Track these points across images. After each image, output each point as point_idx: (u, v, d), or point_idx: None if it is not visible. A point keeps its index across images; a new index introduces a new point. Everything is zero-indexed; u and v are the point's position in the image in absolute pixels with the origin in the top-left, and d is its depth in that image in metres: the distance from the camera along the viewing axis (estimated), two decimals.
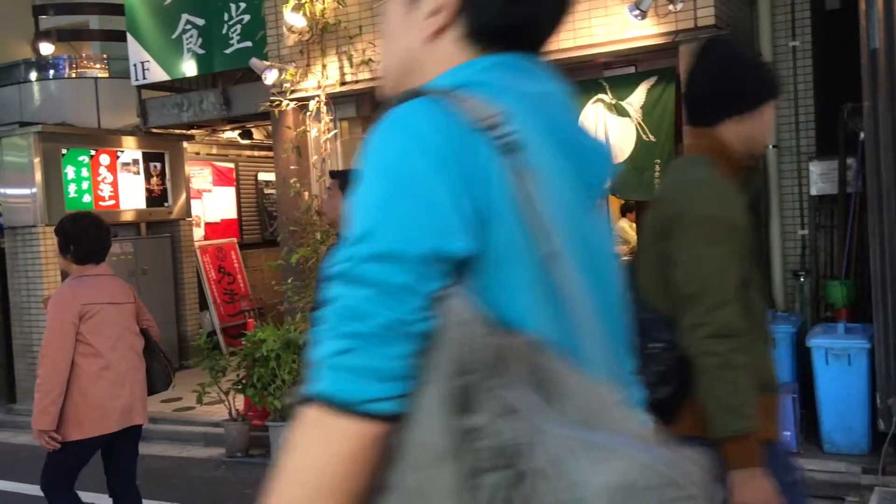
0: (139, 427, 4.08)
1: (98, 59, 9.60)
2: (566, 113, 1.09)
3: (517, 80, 1.04)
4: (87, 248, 3.90)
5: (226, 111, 8.27)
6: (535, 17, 1.09)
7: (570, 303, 0.94)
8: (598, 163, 1.10)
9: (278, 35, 6.96)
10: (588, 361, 0.95)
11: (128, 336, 3.99)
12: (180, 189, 9.38)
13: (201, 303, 9.72)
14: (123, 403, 3.90)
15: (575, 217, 1.00)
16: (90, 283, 3.89)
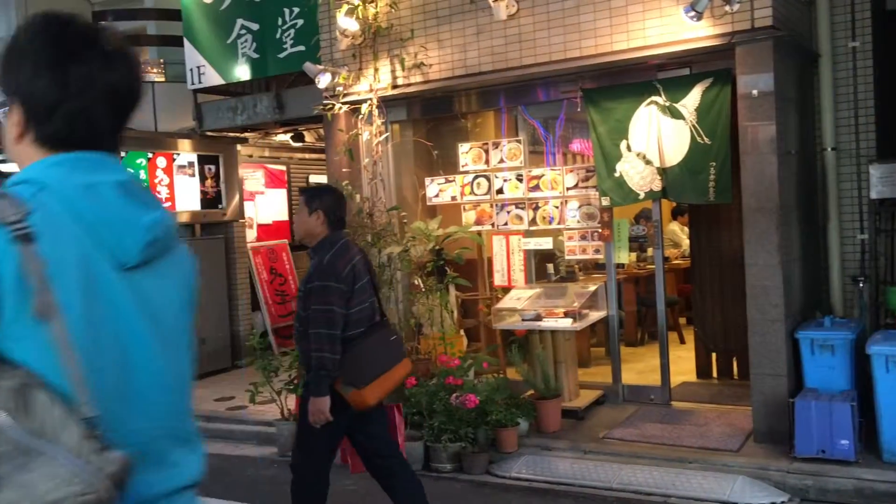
0: None
1: (155, 63, 9.79)
2: (114, 197, 1.39)
3: (72, 173, 1.37)
4: None
5: (279, 114, 8.39)
6: (87, 128, 1.42)
7: (62, 348, 1.24)
8: (133, 233, 1.40)
9: (331, 39, 7.04)
10: (82, 392, 1.25)
11: None
12: (234, 191, 9.53)
13: (253, 303, 9.86)
14: None
15: (98, 281, 1.33)
16: None
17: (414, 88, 6.75)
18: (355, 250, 4.17)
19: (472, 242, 6.99)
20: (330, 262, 3.99)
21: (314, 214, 4.08)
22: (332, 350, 3.89)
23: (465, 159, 7.11)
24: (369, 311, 4.12)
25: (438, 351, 6.51)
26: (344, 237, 4.15)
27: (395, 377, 4.15)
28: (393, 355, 4.17)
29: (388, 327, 4.30)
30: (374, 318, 4.18)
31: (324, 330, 3.91)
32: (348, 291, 3.96)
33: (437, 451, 5.68)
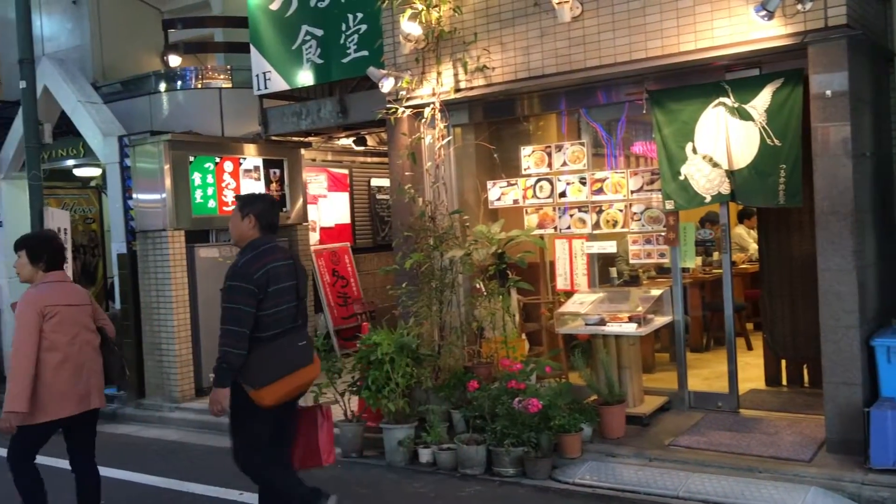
0: (96, 410, 4.78)
1: (222, 70, 9.99)
2: None
3: None
4: (52, 259, 4.70)
5: (342, 119, 8.48)
6: None
7: None
8: None
9: (395, 44, 7.09)
10: None
11: (84, 333, 4.70)
12: (298, 194, 9.67)
13: (316, 305, 9.98)
14: (81, 391, 4.60)
15: None
16: (50, 288, 4.62)
17: (476, 92, 6.75)
18: (280, 255, 4.34)
19: (534, 246, 6.96)
20: (244, 264, 4.23)
21: (246, 219, 4.37)
22: (237, 346, 4.12)
23: (528, 162, 7.08)
24: (286, 315, 4.31)
25: (500, 355, 6.49)
26: (270, 241, 4.37)
27: (297, 381, 4.33)
28: (298, 359, 4.34)
29: (300, 332, 4.43)
30: (292, 322, 4.36)
31: (231, 327, 4.14)
32: (259, 293, 4.15)
33: (500, 455, 5.66)
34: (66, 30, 11.09)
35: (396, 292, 6.94)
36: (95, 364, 4.77)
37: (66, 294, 4.67)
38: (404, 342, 6.35)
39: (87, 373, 4.67)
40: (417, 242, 6.87)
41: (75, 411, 4.58)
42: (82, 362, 4.65)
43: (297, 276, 4.41)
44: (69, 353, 4.58)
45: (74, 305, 4.67)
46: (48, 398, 4.48)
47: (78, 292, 4.81)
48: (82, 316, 4.72)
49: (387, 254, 11.26)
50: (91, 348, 4.75)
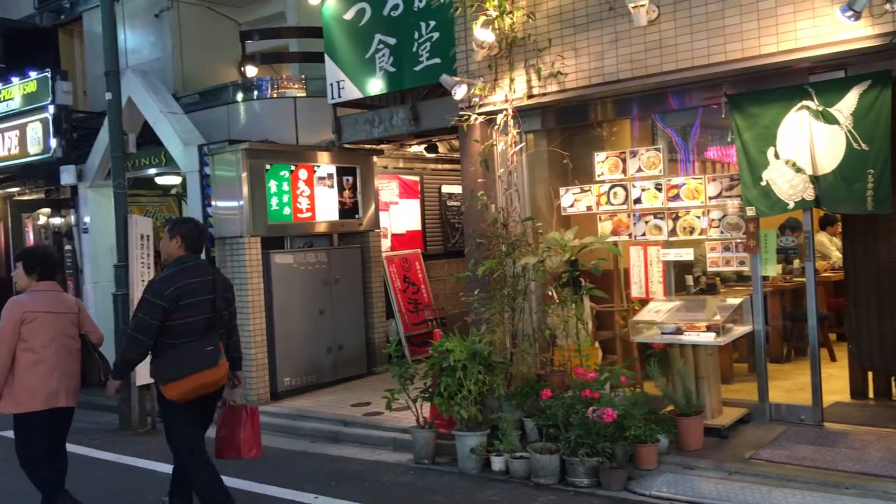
0: (68, 409, 5.31)
1: (297, 79, 10.17)
2: None
3: None
4: (44, 271, 5.33)
5: (414, 126, 8.53)
6: None
7: None
8: None
9: (467, 51, 7.10)
10: None
11: (63, 338, 5.24)
12: (370, 201, 9.77)
13: (387, 311, 10.05)
14: (51, 389, 5.14)
15: None
16: (35, 296, 5.23)
17: (549, 98, 6.72)
18: (198, 273, 4.98)
19: (607, 253, 6.86)
20: (159, 281, 4.94)
21: (174, 239, 5.06)
22: (137, 350, 4.89)
23: (602, 168, 7.00)
24: (198, 325, 4.90)
25: (573, 363, 6.42)
26: (192, 260, 5.04)
27: (201, 380, 4.87)
28: (202, 362, 4.89)
29: (210, 338, 4.94)
30: (205, 331, 4.92)
31: (135, 334, 4.86)
32: (170, 307, 4.80)
33: (574, 464, 5.59)
34: (149, 43, 11.46)
35: (468, 299, 6.93)
36: (70, 367, 5.29)
37: (49, 302, 5.24)
38: (476, 349, 6.33)
39: (60, 374, 5.20)
40: (490, 249, 6.86)
41: (43, 407, 5.14)
42: (56, 364, 5.18)
43: (214, 291, 5.00)
44: (43, 355, 5.14)
45: (55, 313, 5.23)
46: (22, 392, 5.10)
47: (63, 301, 5.37)
48: (63, 323, 5.27)
49: (457, 260, 11.29)
50: (67, 352, 5.27)
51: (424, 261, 10.88)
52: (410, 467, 6.40)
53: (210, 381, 4.95)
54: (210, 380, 4.94)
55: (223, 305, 5.10)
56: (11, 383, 5.11)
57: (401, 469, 6.38)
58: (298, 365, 8.83)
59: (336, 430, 7.45)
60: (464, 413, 6.16)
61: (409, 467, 6.41)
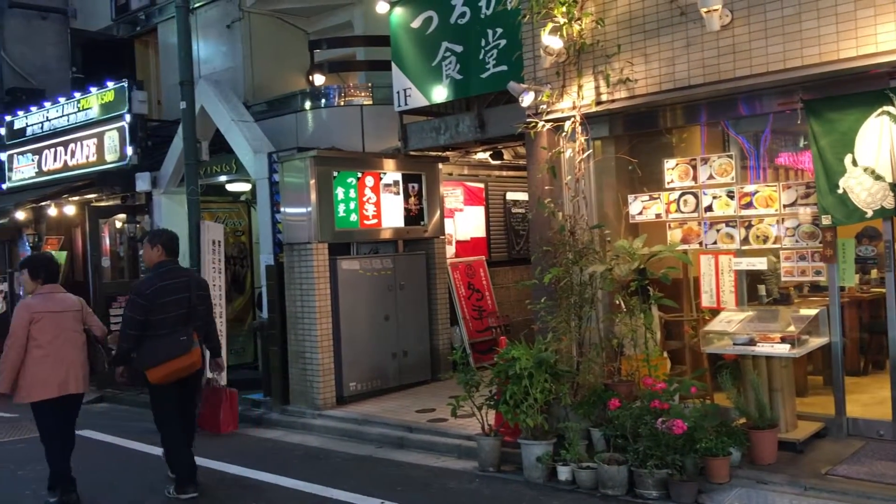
0: (77, 395, 6.10)
1: (363, 87, 10.30)
2: None
3: None
4: (48, 275, 6.15)
5: (480, 133, 8.54)
6: None
7: None
8: None
9: (535, 58, 7.08)
10: None
11: (67, 333, 6.02)
12: (435, 208, 9.81)
13: (451, 318, 10.07)
14: (60, 379, 5.93)
15: None
16: (41, 298, 6.04)
17: (618, 104, 6.65)
18: (174, 275, 6.11)
19: (677, 262, 6.75)
20: (141, 283, 6.16)
21: (155, 248, 6.17)
22: (127, 341, 5.97)
23: (671, 175, 6.90)
24: (175, 319, 5.99)
25: (642, 373, 6.33)
26: (170, 265, 6.17)
27: (177, 365, 5.95)
28: (176, 350, 5.95)
29: (185, 330, 6.02)
30: (181, 324, 6.01)
31: (125, 329, 5.99)
32: (150, 305, 5.91)
33: (643, 476, 5.50)
34: (221, 53, 11.75)
35: (535, 307, 6.89)
36: (76, 358, 6.06)
37: (53, 303, 6.04)
38: (543, 357, 6.30)
39: (67, 365, 5.98)
40: (556, 257, 6.81)
41: (55, 395, 5.93)
42: (62, 357, 5.96)
43: (189, 290, 6.11)
44: (50, 350, 5.92)
45: (59, 312, 6.02)
46: (33, 383, 5.87)
47: (66, 301, 6.15)
48: (67, 320, 6.05)
49: (522, 267, 11.25)
50: (73, 346, 6.05)
51: (489, 268, 10.88)
52: (476, 475, 6.39)
53: (183, 366, 6.01)
54: (183, 365, 6.01)
55: (197, 302, 6.18)
56: (24, 376, 5.87)
57: (466, 476, 6.38)
58: (364, 370, 8.91)
59: (401, 436, 7.49)
60: (530, 421, 6.13)
61: (475, 475, 6.40)
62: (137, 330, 5.94)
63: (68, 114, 12.08)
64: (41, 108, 12.66)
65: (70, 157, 12.00)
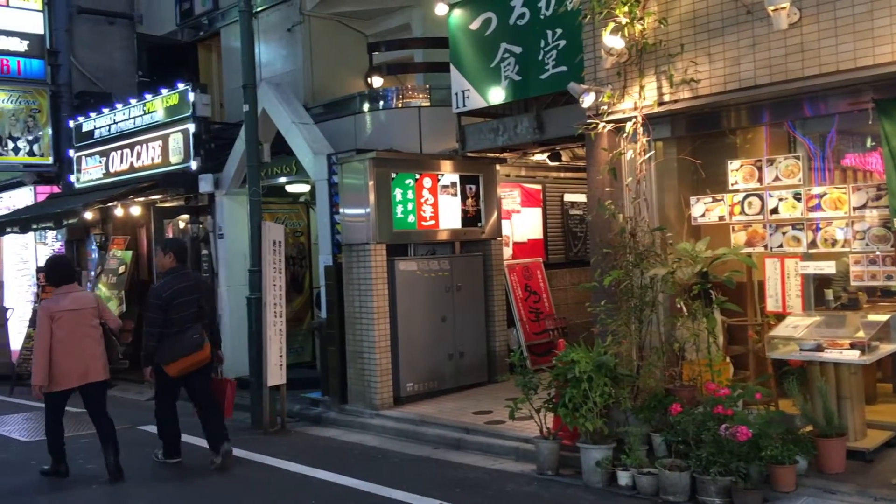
0: (99, 382, 6.82)
1: (421, 89, 10.32)
2: None
3: None
4: (63, 277, 6.92)
5: (538, 134, 8.50)
6: None
7: None
8: None
9: (595, 58, 7.02)
10: None
11: (85, 328, 6.75)
12: (492, 210, 9.80)
13: (508, 320, 10.04)
14: (80, 370, 6.70)
15: None
16: (59, 298, 6.81)
17: (681, 105, 6.55)
18: (185, 279, 7.12)
19: (740, 265, 6.62)
20: (158, 287, 7.13)
21: (167, 255, 7.23)
22: (150, 340, 6.91)
23: (735, 177, 6.77)
24: (187, 317, 6.95)
25: (704, 378, 6.22)
26: (181, 269, 7.21)
27: (191, 360, 6.91)
28: (191, 346, 6.90)
29: (196, 328, 6.97)
30: (192, 322, 6.97)
31: (149, 328, 6.92)
32: (165, 305, 6.88)
33: (705, 483, 5.41)
34: (281, 56, 11.92)
35: (594, 309, 6.83)
36: (94, 350, 6.78)
37: (70, 301, 6.77)
38: (602, 361, 6.24)
39: (86, 357, 6.72)
40: (616, 259, 6.74)
41: (77, 384, 6.71)
42: (82, 350, 6.70)
43: (198, 292, 7.16)
44: (70, 344, 6.64)
45: (76, 310, 6.73)
46: (58, 375, 6.61)
47: (81, 299, 6.93)
48: (84, 316, 6.77)
49: (579, 269, 11.17)
50: (90, 339, 6.77)
51: (546, 270, 10.82)
52: (534, 478, 6.36)
53: (197, 360, 6.96)
54: (197, 360, 6.95)
55: (204, 302, 7.23)
56: (51, 369, 6.59)
57: (524, 479, 6.35)
58: (420, 371, 8.94)
59: (458, 438, 7.49)
60: (589, 425, 6.08)
61: (533, 478, 6.37)
62: (159, 328, 6.86)
63: (134, 117, 12.39)
64: (109, 112, 13.01)
65: (136, 158, 12.31)
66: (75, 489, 6.74)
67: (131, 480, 6.83)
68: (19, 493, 6.70)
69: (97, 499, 6.54)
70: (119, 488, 6.68)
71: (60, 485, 6.87)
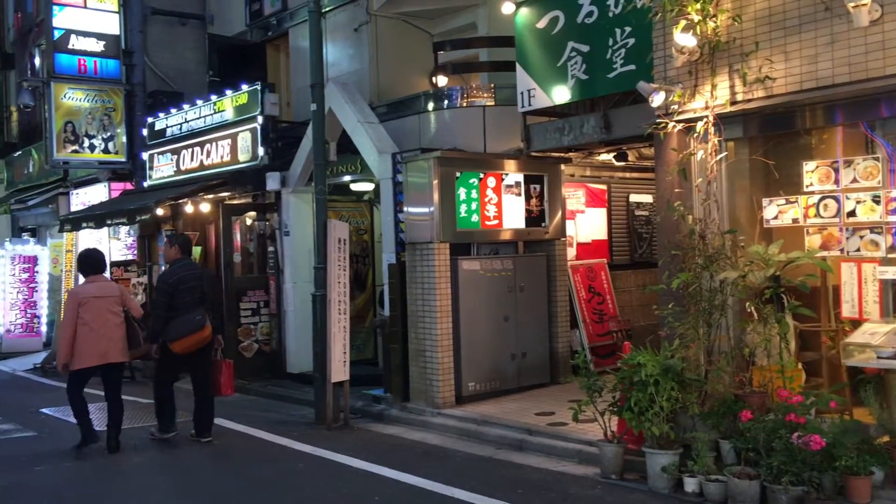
0: (117, 364, 7.74)
1: (486, 88, 10.31)
2: None
3: None
4: (92, 268, 7.87)
5: (605, 134, 8.40)
6: None
7: None
8: None
9: (665, 57, 6.91)
10: None
11: (107, 314, 7.59)
12: (556, 210, 9.73)
13: (571, 321, 9.95)
14: (100, 350, 7.53)
15: None
16: (87, 286, 7.79)
17: (754, 104, 6.40)
18: (189, 269, 8.04)
19: (814, 269, 6.42)
20: (164, 273, 8.17)
21: (174, 247, 8.22)
22: (157, 321, 7.82)
23: (811, 179, 6.57)
24: (191, 302, 7.83)
25: (775, 384, 6.07)
26: (185, 260, 8.16)
27: (194, 338, 7.76)
28: (194, 327, 7.73)
29: (199, 310, 7.84)
30: (196, 306, 7.83)
31: (157, 311, 7.88)
32: (171, 291, 7.80)
33: (776, 493, 5.27)
34: (348, 55, 12.04)
35: (661, 312, 6.72)
36: (114, 334, 7.61)
37: (96, 289, 7.68)
38: (669, 364, 6.14)
39: (106, 340, 7.54)
40: (685, 262, 6.62)
41: (97, 363, 7.54)
42: (102, 333, 7.53)
43: (201, 280, 8.04)
44: (94, 327, 7.48)
45: (101, 297, 7.60)
46: (80, 354, 7.46)
47: (107, 287, 7.85)
48: (107, 303, 7.61)
49: (644, 271, 11.00)
50: (112, 324, 7.61)
51: (610, 271, 10.69)
52: (598, 481, 6.29)
53: (199, 339, 7.79)
54: (199, 338, 7.79)
55: (207, 289, 8.10)
56: (75, 348, 7.44)
57: (588, 483, 6.29)
58: (482, 370, 8.93)
59: (520, 439, 7.46)
60: (655, 430, 5.98)
61: (596, 481, 6.30)
62: (165, 311, 7.78)
63: (205, 115, 12.67)
64: (180, 111, 13.33)
65: (206, 156, 12.58)
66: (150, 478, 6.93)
67: (191, 471, 6.98)
68: (102, 478, 6.92)
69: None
70: (184, 478, 6.84)
71: (129, 468, 7.10)
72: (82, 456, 7.63)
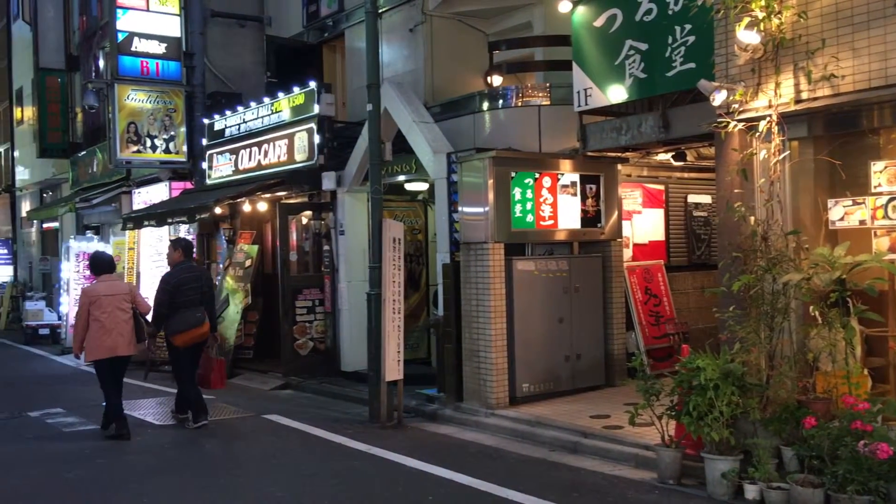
0: (124, 357, 8.36)
1: (541, 87, 10.24)
2: None
3: None
4: (103, 269, 8.58)
5: (664, 133, 8.26)
6: None
7: None
8: None
9: (727, 55, 6.76)
10: None
11: (116, 311, 8.23)
12: (613, 210, 9.61)
13: (627, 323, 9.83)
14: (109, 344, 8.19)
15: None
16: (98, 285, 8.43)
17: (820, 103, 6.22)
18: (190, 270, 8.89)
19: (882, 272, 6.23)
20: (166, 274, 8.93)
21: (177, 251, 9.02)
22: (158, 315, 8.65)
23: (879, 179, 6.38)
24: (191, 300, 8.64)
25: (840, 390, 5.90)
26: (187, 262, 8.98)
27: (193, 333, 8.63)
28: (193, 322, 8.60)
29: (199, 307, 8.68)
30: (196, 304, 8.64)
31: (157, 306, 8.67)
32: (172, 290, 8.61)
33: (841, 502, 5.13)
34: (403, 56, 12.08)
35: (721, 315, 6.58)
36: (123, 329, 8.24)
37: (107, 288, 8.35)
38: (730, 369, 6.01)
39: (115, 334, 8.18)
40: (746, 264, 6.47)
41: (107, 356, 8.20)
42: (112, 328, 8.17)
43: (200, 281, 8.87)
44: (103, 323, 8.14)
45: (111, 295, 8.26)
46: (92, 348, 8.20)
47: (116, 286, 8.50)
48: (117, 301, 8.25)
49: (702, 273, 10.82)
50: (121, 320, 8.23)
51: (667, 272, 10.53)
52: (654, 486, 6.20)
53: (198, 333, 8.67)
54: (198, 333, 8.66)
55: (206, 290, 8.94)
56: (87, 342, 8.21)
57: (644, 487, 6.20)
58: (536, 372, 8.88)
59: (575, 441, 7.39)
60: (714, 435, 5.87)
61: (653, 486, 6.21)
62: (166, 308, 8.56)
63: (262, 116, 12.84)
64: (238, 111, 13.55)
65: (263, 156, 12.75)
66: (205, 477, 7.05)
67: (251, 467, 7.08)
68: (161, 472, 7.07)
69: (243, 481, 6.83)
70: (232, 473, 6.94)
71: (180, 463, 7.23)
72: (144, 449, 7.80)
